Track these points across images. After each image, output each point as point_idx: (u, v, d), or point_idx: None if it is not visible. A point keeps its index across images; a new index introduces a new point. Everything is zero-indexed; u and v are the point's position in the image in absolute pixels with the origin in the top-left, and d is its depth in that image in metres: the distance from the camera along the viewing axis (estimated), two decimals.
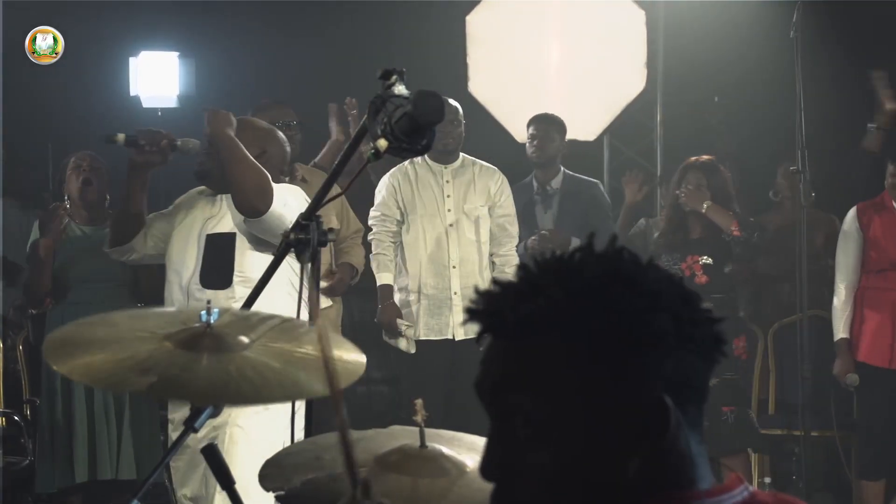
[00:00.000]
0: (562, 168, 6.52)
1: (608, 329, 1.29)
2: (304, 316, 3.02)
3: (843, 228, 5.74)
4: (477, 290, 1.39)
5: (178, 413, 3.94)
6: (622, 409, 1.29)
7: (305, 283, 2.80)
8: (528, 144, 6.44)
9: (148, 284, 5.64)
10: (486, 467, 1.35)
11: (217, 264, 4.01)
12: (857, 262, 5.67)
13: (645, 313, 1.30)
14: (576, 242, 6.15)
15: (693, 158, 6.15)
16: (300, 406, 2.92)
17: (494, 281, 1.38)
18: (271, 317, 2.46)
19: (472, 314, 1.39)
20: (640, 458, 1.29)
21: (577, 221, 6.30)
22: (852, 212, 5.71)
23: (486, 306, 1.37)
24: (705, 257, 5.86)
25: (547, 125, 6.44)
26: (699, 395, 1.35)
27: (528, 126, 6.47)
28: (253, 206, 3.98)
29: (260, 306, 2.78)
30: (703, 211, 5.87)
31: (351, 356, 2.39)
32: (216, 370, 2.16)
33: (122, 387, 2.29)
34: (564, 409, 1.30)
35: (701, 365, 1.34)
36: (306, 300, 3.00)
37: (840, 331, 5.68)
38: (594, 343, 1.29)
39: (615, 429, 1.29)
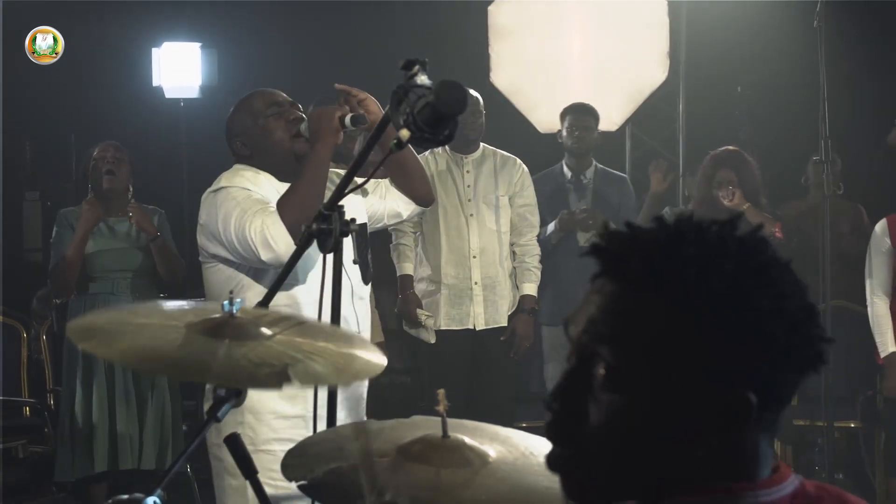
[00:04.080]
0: (593, 159, 6.50)
1: (728, 315, 1.27)
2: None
3: (872, 241, 5.61)
4: (608, 231, 1.36)
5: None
6: (705, 392, 1.27)
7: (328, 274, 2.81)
8: (566, 134, 6.38)
9: (167, 272, 5.69)
10: (553, 396, 1.35)
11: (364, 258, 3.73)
12: (892, 274, 5.55)
13: (767, 316, 1.27)
14: None
15: (721, 150, 6.15)
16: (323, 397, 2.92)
17: (630, 225, 1.35)
18: (290, 316, 2.48)
19: (597, 251, 1.35)
20: (707, 447, 1.28)
21: (611, 214, 6.29)
22: (882, 225, 5.58)
23: (615, 247, 1.34)
24: None
25: (586, 115, 6.40)
26: (782, 403, 1.33)
27: (565, 116, 6.41)
28: (430, 191, 3.84)
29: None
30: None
31: (371, 356, 2.40)
32: (237, 355, 2.18)
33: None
34: (649, 369, 1.28)
35: (795, 378, 1.33)
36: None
37: (890, 345, 5.55)
38: (707, 320, 1.27)
39: (691, 408, 1.28)
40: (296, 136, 3.56)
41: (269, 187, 3.50)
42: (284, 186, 3.49)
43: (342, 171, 3.30)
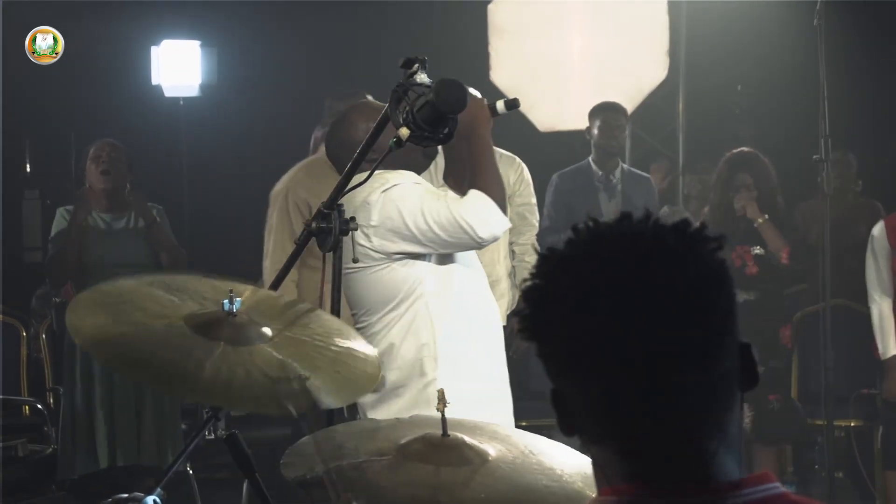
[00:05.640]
0: (619, 159, 6.50)
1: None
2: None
3: (871, 244, 5.59)
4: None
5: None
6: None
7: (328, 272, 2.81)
8: (598, 133, 6.36)
9: (169, 259, 5.71)
10: None
11: None
12: (892, 275, 5.54)
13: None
14: None
15: (737, 152, 6.11)
16: None
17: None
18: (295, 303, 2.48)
19: None
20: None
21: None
22: (880, 227, 5.56)
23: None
24: (757, 248, 5.86)
25: (618, 114, 6.41)
26: None
27: (596, 115, 6.39)
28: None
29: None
30: (756, 226, 5.85)
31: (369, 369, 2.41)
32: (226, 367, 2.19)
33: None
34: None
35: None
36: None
37: (891, 348, 5.54)
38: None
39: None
40: None
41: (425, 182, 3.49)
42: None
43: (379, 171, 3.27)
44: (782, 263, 5.85)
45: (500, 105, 3.34)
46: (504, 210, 3.34)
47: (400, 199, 3.27)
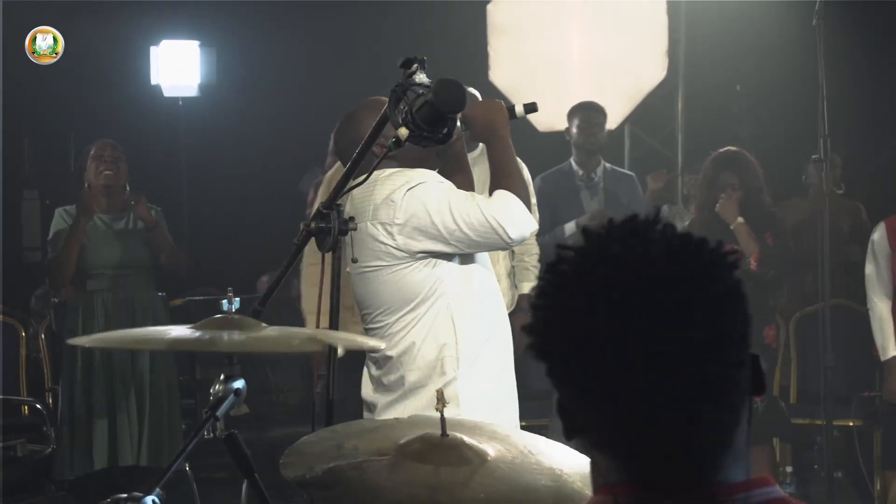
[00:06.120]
0: (601, 158, 6.52)
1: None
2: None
3: (871, 245, 5.58)
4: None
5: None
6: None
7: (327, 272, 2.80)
8: (576, 132, 6.39)
9: (169, 259, 5.73)
10: None
11: None
12: (892, 276, 5.53)
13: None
14: None
15: (722, 151, 6.10)
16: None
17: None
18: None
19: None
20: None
21: (622, 212, 6.29)
22: (880, 229, 5.56)
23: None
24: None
25: (596, 113, 6.43)
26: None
27: (574, 114, 6.43)
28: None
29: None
30: (732, 227, 5.84)
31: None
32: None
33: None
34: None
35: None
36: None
37: (891, 349, 5.54)
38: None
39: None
40: None
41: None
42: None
43: (389, 170, 3.24)
44: (751, 270, 5.84)
45: (518, 108, 3.31)
46: (530, 210, 3.32)
47: (426, 197, 3.23)
